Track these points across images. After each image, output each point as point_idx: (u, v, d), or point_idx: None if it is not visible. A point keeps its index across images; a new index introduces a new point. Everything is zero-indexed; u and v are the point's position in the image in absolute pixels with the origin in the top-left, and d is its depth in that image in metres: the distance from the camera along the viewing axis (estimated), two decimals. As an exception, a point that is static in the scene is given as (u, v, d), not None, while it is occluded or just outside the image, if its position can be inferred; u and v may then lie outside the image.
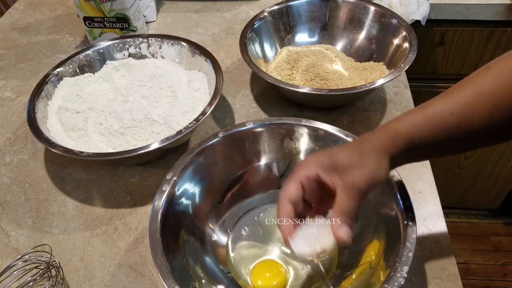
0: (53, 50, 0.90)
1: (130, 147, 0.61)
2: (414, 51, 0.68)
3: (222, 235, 0.55)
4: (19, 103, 0.79)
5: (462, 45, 1.00)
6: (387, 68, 0.74)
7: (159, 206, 0.48)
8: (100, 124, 0.65)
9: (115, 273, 0.53)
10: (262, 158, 0.58)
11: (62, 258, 0.55)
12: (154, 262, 0.43)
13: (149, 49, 0.75)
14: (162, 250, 0.44)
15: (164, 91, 0.68)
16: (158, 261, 0.43)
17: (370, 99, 0.74)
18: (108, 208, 0.61)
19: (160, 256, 0.44)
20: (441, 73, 1.07)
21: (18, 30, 0.97)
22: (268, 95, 0.76)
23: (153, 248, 0.44)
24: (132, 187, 0.63)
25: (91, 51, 0.74)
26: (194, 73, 0.72)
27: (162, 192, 0.49)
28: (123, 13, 0.83)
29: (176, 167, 0.52)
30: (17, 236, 0.58)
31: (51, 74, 0.69)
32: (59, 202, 0.62)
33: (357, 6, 0.79)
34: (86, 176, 0.65)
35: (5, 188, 0.64)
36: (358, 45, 0.80)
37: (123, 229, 0.58)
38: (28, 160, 0.68)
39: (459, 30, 0.98)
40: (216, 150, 0.55)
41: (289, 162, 0.58)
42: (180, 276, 0.44)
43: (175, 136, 0.57)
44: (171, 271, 0.43)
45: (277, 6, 0.80)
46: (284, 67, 0.76)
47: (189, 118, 0.62)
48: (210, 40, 0.90)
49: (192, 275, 0.47)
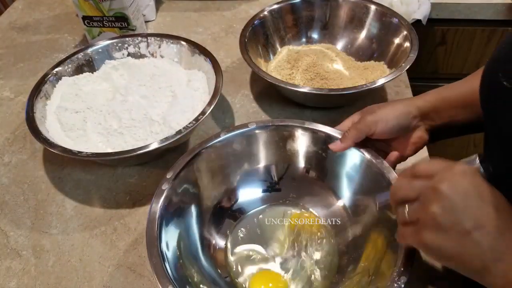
0: (52, 50, 0.90)
1: (129, 147, 0.60)
2: (415, 51, 0.68)
3: (220, 238, 0.54)
4: (17, 102, 0.78)
5: (463, 45, 1.00)
6: (388, 67, 0.74)
7: (157, 206, 0.48)
8: (99, 124, 0.64)
9: (114, 273, 0.53)
10: (261, 160, 0.57)
11: (61, 259, 0.55)
12: (149, 262, 0.43)
13: (148, 49, 0.75)
14: (158, 250, 0.44)
15: (164, 91, 0.68)
16: (153, 260, 0.43)
17: (371, 99, 0.73)
18: (107, 208, 0.60)
19: (156, 255, 0.43)
20: (442, 72, 1.07)
21: (16, 29, 0.96)
22: (268, 95, 0.76)
23: (149, 248, 0.44)
24: (131, 187, 0.63)
25: (90, 51, 0.73)
26: (194, 72, 0.71)
27: (161, 192, 0.49)
28: (122, 12, 0.82)
29: (176, 167, 0.51)
30: (15, 236, 0.58)
31: (49, 74, 0.69)
32: (57, 203, 0.62)
33: (358, 5, 0.79)
34: (85, 176, 0.65)
35: (3, 188, 0.64)
36: (358, 44, 0.79)
37: (122, 229, 0.58)
38: (27, 160, 0.68)
39: (460, 30, 0.97)
40: (217, 151, 0.55)
41: (288, 164, 0.57)
42: (176, 277, 0.43)
43: (174, 136, 0.57)
44: (166, 271, 0.42)
45: (277, 5, 0.80)
46: (284, 66, 0.75)
47: (189, 118, 0.61)
48: (210, 39, 0.89)
49: (188, 277, 0.47)
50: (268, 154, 0.57)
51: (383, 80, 0.64)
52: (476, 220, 0.33)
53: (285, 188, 0.58)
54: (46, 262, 0.55)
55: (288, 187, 0.57)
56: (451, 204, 0.34)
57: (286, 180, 0.58)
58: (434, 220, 0.34)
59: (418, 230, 0.36)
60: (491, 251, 0.33)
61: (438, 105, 0.53)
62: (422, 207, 0.36)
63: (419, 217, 0.36)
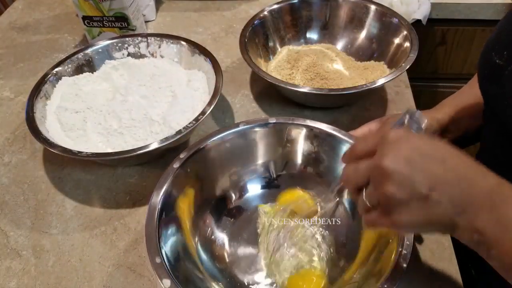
0: (52, 50, 0.89)
1: (129, 147, 0.60)
2: (415, 51, 0.68)
3: (220, 233, 0.54)
4: (17, 102, 0.78)
5: (463, 45, 1.00)
6: (388, 67, 0.74)
7: (157, 202, 0.48)
8: (99, 124, 0.64)
9: (114, 273, 0.53)
10: (261, 157, 0.58)
11: (61, 259, 0.55)
12: (148, 254, 0.43)
13: (148, 49, 0.75)
14: (156, 242, 0.44)
15: (164, 91, 0.68)
16: (152, 250, 0.43)
17: (370, 99, 0.73)
18: (107, 208, 0.60)
19: (155, 249, 0.44)
20: (442, 72, 1.07)
21: (16, 29, 0.96)
22: (268, 95, 0.76)
23: (148, 241, 0.44)
24: (131, 187, 0.63)
25: (90, 51, 0.73)
26: (194, 72, 0.71)
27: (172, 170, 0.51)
28: (122, 12, 0.82)
29: (190, 149, 0.53)
30: (15, 236, 0.58)
31: (49, 74, 0.69)
32: (57, 203, 0.62)
33: (358, 5, 0.79)
34: (85, 176, 0.65)
35: (3, 188, 0.64)
36: (358, 44, 0.79)
37: (122, 229, 0.58)
38: (27, 160, 0.68)
39: (460, 30, 0.97)
40: (217, 148, 0.56)
41: (286, 161, 0.58)
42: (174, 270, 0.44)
43: (174, 136, 0.57)
44: (165, 264, 0.43)
45: (277, 5, 0.80)
46: (284, 66, 0.75)
47: (189, 118, 0.61)
48: (210, 39, 0.89)
49: (188, 271, 0.47)
50: (266, 151, 0.58)
51: (383, 80, 0.64)
52: (428, 182, 0.34)
53: (283, 185, 0.58)
54: (46, 262, 0.55)
55: (287, 183, 0.58)
56: (400, 177, 0.34)
57: (284, 176, 0.58)
58: (392, 199, 0.35)
59: (382, 213, 0.36)
60: (452, 206, 0.34)
61: (456, 116, 0.53)
62: (376, 191, 0.36)
63: (378, 200, 0.36)
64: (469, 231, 0.34)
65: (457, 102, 0.55)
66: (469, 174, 0.34)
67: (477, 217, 0.33)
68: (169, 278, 0.42)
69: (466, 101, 0.54)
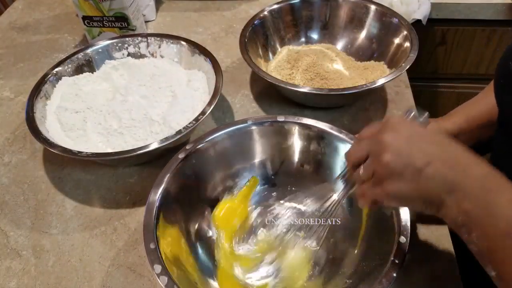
0: (52, 50, 0.89)
1: (129, 147, 0.60)
2: (415, 51, 0.68)
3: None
4: (17, 102, 0.78)
5: (463, 45, 1.00)
6: (388, 67, 0.74)
7: (155, 198, 0.49)
8: (99, 124, 0.64)
9: (114, 273, 0.53)
10: (257, 155, 0.58)
11: (61, 259, 0.55)
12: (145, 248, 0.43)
13: (148, 49, 0.75)
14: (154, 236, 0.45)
15: (163, 91, 0.68)
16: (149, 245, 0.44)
17: (370, 99, 0.73)
18: (107, 208, 0.60)
19: (152, 243, 0.44)
20: (442, 72, 1.07)
21: (16, 29, 0.96)
22: (268, 95, 0.76)
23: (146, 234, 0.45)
24: (131, 187, 0.63)
25: (90, 51, 0.73)
26: (194, 72, 0.71)
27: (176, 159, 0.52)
28: (122, 12, 0.82)
29: (195, 142, 0.54)
30: (15, 236, 0.58)
31: (49, 74, 0.69)
32: (57, 203, 0.62)
33: (358, 5, 0.79)
34: (85, 176, 0.65)
35: (3, 188, 0.64)
36: (358, 44, 0.79)
37: (122, 229, 0.58)
38: (27, 160, 0.68)
39: (460, 30, 0.97)
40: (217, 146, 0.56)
41: (283, 160, 0.58)
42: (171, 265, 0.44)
43: (174, 136, 0.57)
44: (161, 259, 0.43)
45: (277, 5, 0.80)
46: (284, 66, 0.75)
47: (189, 118, 0.61)
48: (210, 39, 0.89)
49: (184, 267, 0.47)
50: (263, 150, 0.58)
51: (383, 80, 0.64)
52: (425, 157, 0.36)
53: (280, 183, 0.59)
54: (46, 262, 0.55)
55: (284, 181, 0.58)
56: (398, 149, 0.36)
57: (282, 175, 0.59)
58: (387, 168, 0.36)
59: (375, 183, 0.38)
60: (444, 183, 0.35)
61: (466, 125, 0.54)
62: (373, 160, 0.38)
63: (374, 170, 0.38)
64: (455, 212, 0.35)
65: (469, 111, 0.55)
66: (464, 159, 0.36)
67: (466, 199, 0.34)
68: (160, 264, 0.42)
69: (478, 110, 0.54)
